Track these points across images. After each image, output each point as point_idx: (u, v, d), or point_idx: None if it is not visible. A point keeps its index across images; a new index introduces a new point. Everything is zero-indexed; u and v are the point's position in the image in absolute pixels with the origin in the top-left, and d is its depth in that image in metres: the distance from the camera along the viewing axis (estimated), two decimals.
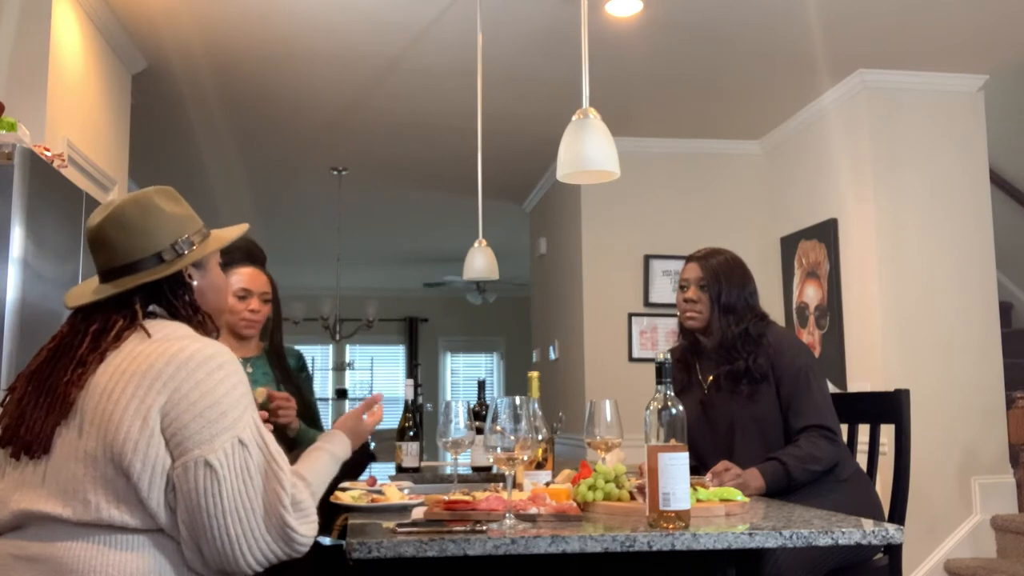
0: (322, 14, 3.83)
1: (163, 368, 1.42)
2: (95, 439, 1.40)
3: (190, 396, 1.41)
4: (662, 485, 1.64)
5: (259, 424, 1.48)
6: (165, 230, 1.58)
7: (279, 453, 1.48)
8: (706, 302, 2.51)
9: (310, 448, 1.72)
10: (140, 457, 1.38)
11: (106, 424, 1.39)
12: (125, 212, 1.57)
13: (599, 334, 5.54)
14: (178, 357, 1.43)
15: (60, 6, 3.35)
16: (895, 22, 3.95)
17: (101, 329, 1.51)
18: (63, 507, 1.39)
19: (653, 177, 5.61)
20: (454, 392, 12.04)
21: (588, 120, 2.20)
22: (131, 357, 1.45)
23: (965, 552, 4.32)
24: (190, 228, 1.62)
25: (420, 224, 8.12)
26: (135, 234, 1.56)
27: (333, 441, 1.74)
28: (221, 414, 1.41)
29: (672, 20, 3.91)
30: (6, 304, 2.51)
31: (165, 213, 1.59)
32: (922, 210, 4.53)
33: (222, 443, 1.40)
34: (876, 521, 1.76)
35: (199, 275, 1.63)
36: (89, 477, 1.39)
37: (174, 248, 1.57)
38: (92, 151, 3.70)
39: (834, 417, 2.45)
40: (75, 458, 1.40)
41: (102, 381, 1.43)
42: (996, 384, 4.48)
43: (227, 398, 1.43)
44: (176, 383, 1.41)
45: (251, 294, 2.62)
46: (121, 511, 1.39)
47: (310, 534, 1.46)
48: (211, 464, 1.38)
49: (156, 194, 1.62)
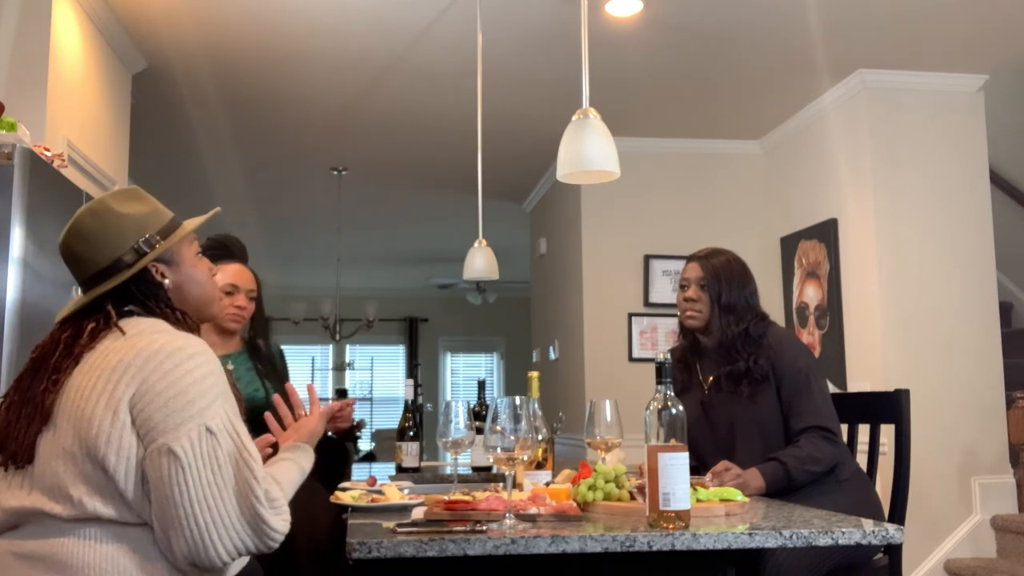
0: (322, 14, 3.83)
1: (132, 361, 1.43)
2: (71, 436, 1.41)
3: (156, 387, 1.41)
4: (662, 485, 1.64)
5: (232, 416, 1.47)
6: (125, 233, 1.57)
7: (251, 446, 1.47)
8: (706, 301, 2.51)
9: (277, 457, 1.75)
10: (114, 450, 1.39)
11: (79, 420, 1.41)
12: (83, 224, 1.58)
13: (599, 334, 5.54)
14: (147, 350, 1.44)
15: (60, 6, 3.35)
16: (895, 22, 3.95)
17: (73, 334, 1.52)
18: (52, 504, 1.40)
19: (653, 177, 5.61)
20: (454, 392, 12.03)
21: (588, 120, 2.20)
22: (104, 354, 1.46)
23: (965, 552, 4.32)
24: (154, 225, 1.61)
25: (420, 224, 8.12)
26: (96, 243, 1.56)
27: (298, 454, 1.77)
28: (187, 403, 1.41)
29: (672, 20, 3.91)
30: (6, 304, 2.51)
31: (123, 216, 1.58)
32: (922, 210, 4.52)
33: (187, 431, 1.39)
34: (876, 521, 1.76)
35: (171, 271, 1.62)
36: (70, 474, 1.40)
37: (135, 250, 1.57)
38: (92, 151, 3.70)
39: (834, 418, 2.45)
40: (56, 457, 1.41)
41: (76, 380, 1.45)
42: (996, 384, 4.48)
43: (195, 387, 1.42)
44: (144, 375, 1.42)
45: (238, 290, 2.65)
46: (106, 505, 1.40)
47: (282, 528, 1.46)
48: (174, 452, 1.38)
49: (113, 198, 1.61)
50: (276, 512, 1.46)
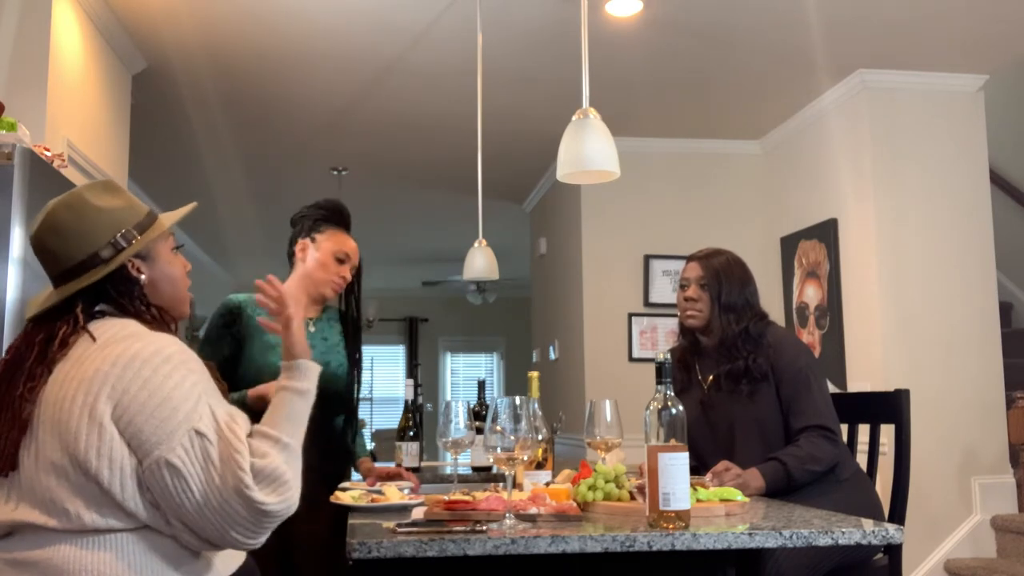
0: (322, 14, 3.83)
1: (108, 371, 1.39)
2: (58, 451, 1.38)
3: (139, 397, 1.38)
4: (662, 485, 1.64)
5: (216, 407, 1.44)
6: (102, 227, 1.53)
7: (233, 431, 1.42)
8: (706, 301, 2.51)
9: (275, 390, 1.58)
10: (106, 463, 1.37)
11: (64, 435, 1.38)
12: (58, 217, 1.53)
13: (599, 334, 5.54)
14: (122, 358, 1.41)
15: (60, 6, 3.35)
16: (895, 22, 3.95)
17: (47, 338, 1.48)
18: (47, 519, 1.38)
19: (653, 177, 5.61)
20: (454, 392, 12.03)
21: (588, 120, 2.20)
22: (78, 363, 1.43)
23: (965, 552, 4.32)
24: (131, 219, 1.57)
25: (420, 224, 8.12)
26: (70, 237, 1.52)
27: (293, 375, 1.58)
28: (173, 410, 1.39)
29: (672, 20, 3.91)
30: (6, 304, 2.51)
31: (100, 210, 1.54)
32: (922, 210, 4.52)
33: (179, 439, 1.38)
34: (876, 521, 1.76)
35: (147, 267, 1.58)
36: (63, 487, 1.38)
37: (112, 244, 1.53)
38: (92, 151, 3.70)
39: (834, 418, 2.45)
40: (44, 471, 1.39)
41: (53, 391, 1.42)
42: (996, 384, 4.48)
43: (177, 392, 1.40)
44: (123, 385, 1.39)
45: (349, 260, 2.63)
46: (103, 515, 1.38)
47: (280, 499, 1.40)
48: (172, 463, 1.36)
49: (88, 191, 1.57)
50: (269, 487, 1.40)
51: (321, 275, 2.57)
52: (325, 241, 2.61)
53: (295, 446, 1.49)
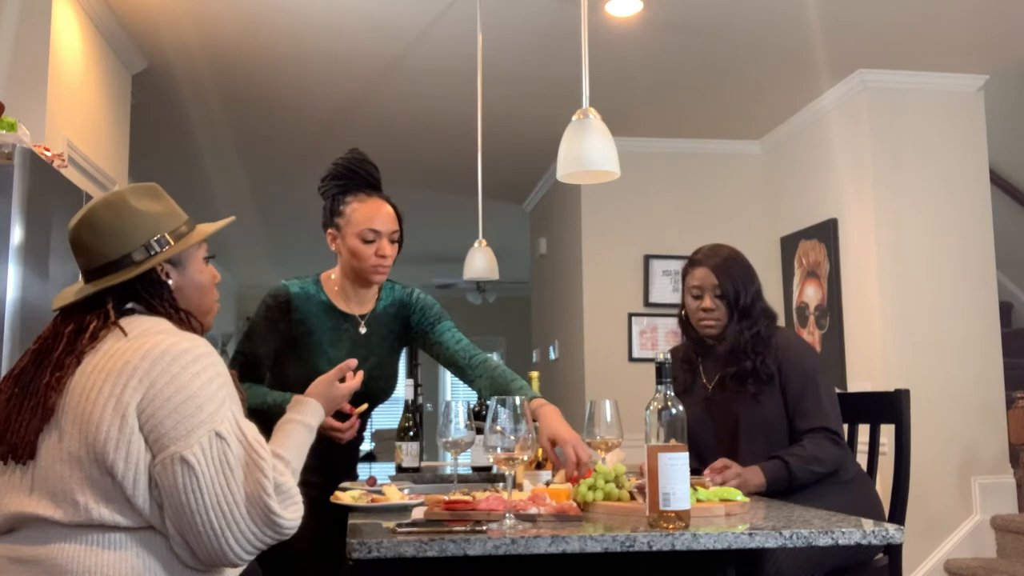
0: (322, 14, 3.83)
1: (138, 364, 1.41)
2: (77, 441, 1.39)
3: (165, 391, 1.40)
4: (662, 485, 1.64)
5: (238, 415, 1.47)
6: (138, 230, 1.56)
7: (259, 442, 1.46)
8: (723, 309, 2.49)
9: (282, 421, 1.70)
10: (122, 456, 1.38)
11: (86, 425, 1.39)
12: (97, 215, 1.56)
13: (599, 334, 5.54)
14: (152, 352, 1.42)
15: (60, 6, 3.35)
16: (895, 22, 3.95)
17: (76, 330, 1.50)
18: (54, 509, 1.39)
19: (653, 177, 5.61)
20: (454, 392, 12.03)
21: (588, 120, 2.20)
22: (107, 356, 1.44)
23: (965, 552, 4.32)
24: (167, 226, 1.59)
25: (420, 224, 8.11)
26: (107, 236, 1.54)
27: (305, 411, 1.74)
28: (197, 408, 1.40)
29: (672, 20, 3.91)
30: (6, 304, 2.51)
31: (139, 212, 1.57)
32: (922, 210, 4.52)
33: (198, 438, 1.39)
34: (876, 521, 1.76)
35: (176, 273, 1.61)
36: (76, 478, 1.39)
37: (146, 248, 1.55)
38: (92, 151, 3.70)
39: (839, 420, 2.45)
40: (60, 460, 1.40)
41: (80, 382, 1.43)
42: (996, 384, 4.48)
43: (203, 391, 1.42)
44: (151, 379, 1.40)
45: (380, 236, 2.27)
46: (111, 510, 1.39)
47: (295, 516, 1.45)
48: (187, 460, 1.37)
49: (131, 193, 1.60)
50: (286, 501, 1.44)
51: (357, 264, 2.28)
52: (347, 224, 2.29)
53: (298, 472, 1.57)
